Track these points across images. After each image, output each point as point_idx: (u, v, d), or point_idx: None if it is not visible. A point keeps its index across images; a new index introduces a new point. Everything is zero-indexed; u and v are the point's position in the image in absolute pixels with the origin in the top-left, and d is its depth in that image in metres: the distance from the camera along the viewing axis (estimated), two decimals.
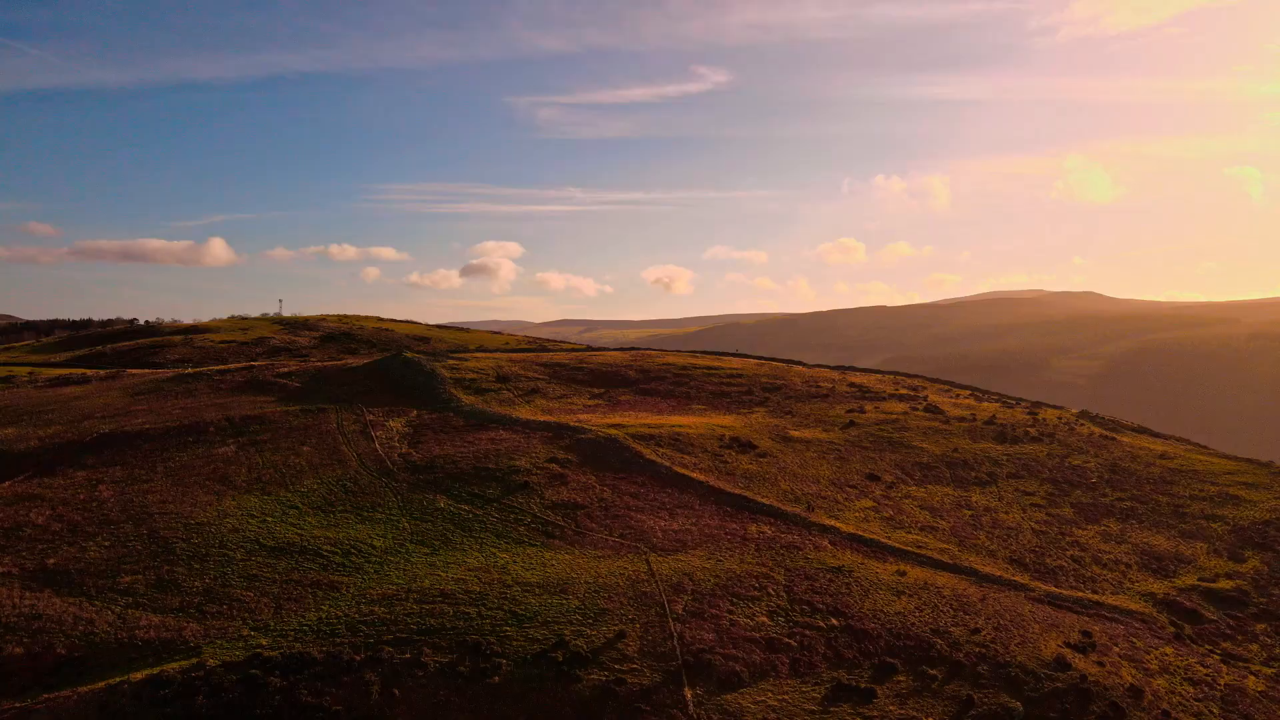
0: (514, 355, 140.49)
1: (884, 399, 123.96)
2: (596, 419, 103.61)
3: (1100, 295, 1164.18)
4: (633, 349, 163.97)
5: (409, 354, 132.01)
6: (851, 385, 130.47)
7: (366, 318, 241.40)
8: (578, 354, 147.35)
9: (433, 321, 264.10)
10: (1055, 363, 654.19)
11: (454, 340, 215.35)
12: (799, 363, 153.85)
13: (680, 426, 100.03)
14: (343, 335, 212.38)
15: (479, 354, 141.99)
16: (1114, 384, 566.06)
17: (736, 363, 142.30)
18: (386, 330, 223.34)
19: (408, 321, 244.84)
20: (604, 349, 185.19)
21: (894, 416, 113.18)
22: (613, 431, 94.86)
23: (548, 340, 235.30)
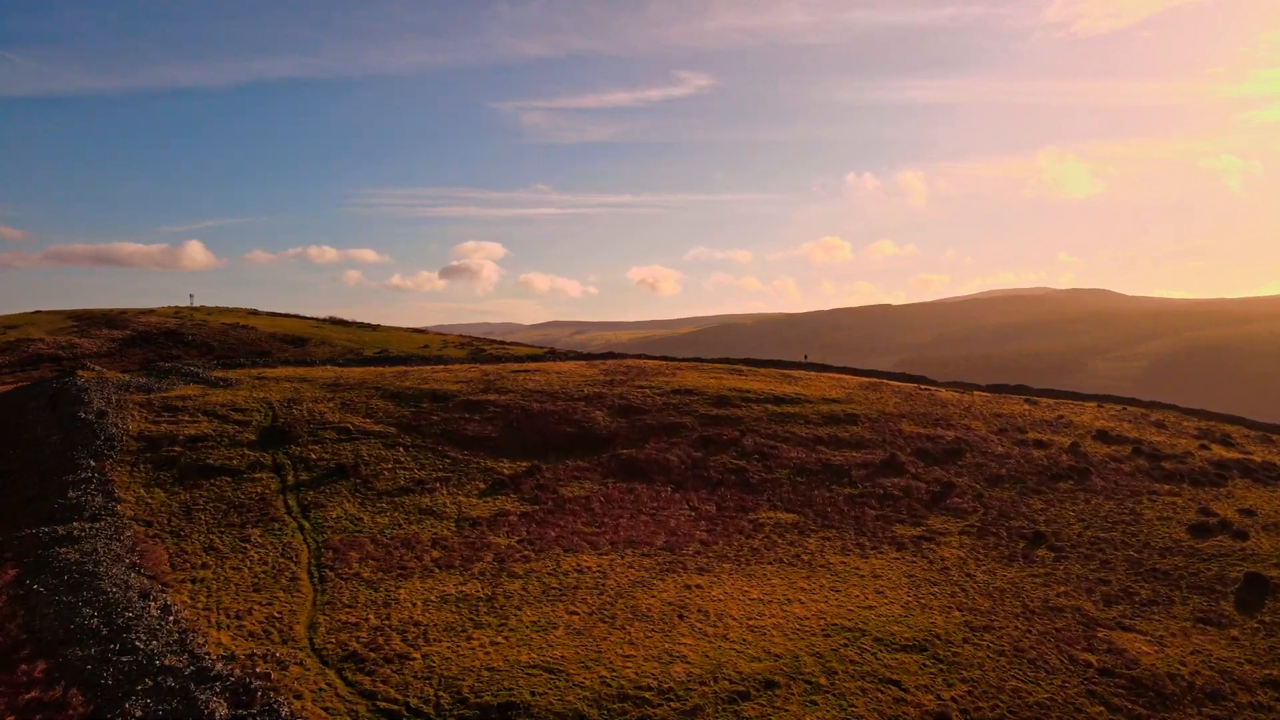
0: (347, 373, 65.70)
1: (1231, 480, 49.77)
2: (461, 641, 28.36)
3: (1113, 292, 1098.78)
4: (608, 355, 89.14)
5: (84, 373, 56.85)
6: (1121, 442, 55.68)
7: (223, 310, 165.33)
8: (497, 370, 71.91)
9: (420, 325, 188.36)
10: (1092, 364, 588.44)
11: (345, 343, 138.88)
12: (929, 381, 78.96)
13: (762, 683, 25.17)
14: (164, 336, 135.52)
15: (280, 371, 66.95)
16: (1164, 386, 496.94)
17: (823, 384, 66.82)
18: (243, 328, 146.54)
19: (288, 316, 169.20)
20: (567, 355, 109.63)
21: None
22: None
23: (490, 343, 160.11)
